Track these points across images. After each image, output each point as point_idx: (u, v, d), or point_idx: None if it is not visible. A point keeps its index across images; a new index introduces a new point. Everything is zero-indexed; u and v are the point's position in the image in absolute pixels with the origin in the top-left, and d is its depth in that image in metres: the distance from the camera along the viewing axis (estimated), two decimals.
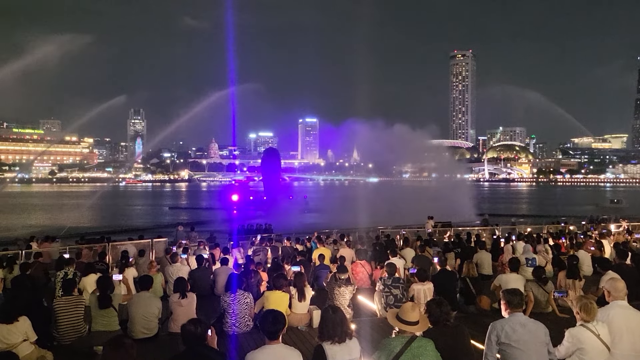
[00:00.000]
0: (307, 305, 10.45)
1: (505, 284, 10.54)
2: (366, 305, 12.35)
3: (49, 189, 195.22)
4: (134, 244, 20.16)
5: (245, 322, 9.68)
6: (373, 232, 28.25)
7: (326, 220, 49.96)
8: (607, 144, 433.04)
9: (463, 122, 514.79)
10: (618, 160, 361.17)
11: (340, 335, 5.48)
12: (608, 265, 11.64)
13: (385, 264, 11.85)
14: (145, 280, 10.11)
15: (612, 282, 7.02)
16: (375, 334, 9.20)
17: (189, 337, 5.22)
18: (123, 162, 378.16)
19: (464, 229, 28.66)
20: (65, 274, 12.20)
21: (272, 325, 5.28)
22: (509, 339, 5.91)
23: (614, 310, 6.57)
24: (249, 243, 22.21)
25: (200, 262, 14.86)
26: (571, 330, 6.19)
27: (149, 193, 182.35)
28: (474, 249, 17.23)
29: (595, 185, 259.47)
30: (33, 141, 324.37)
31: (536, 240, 19.19)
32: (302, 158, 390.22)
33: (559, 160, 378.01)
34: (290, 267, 13.15)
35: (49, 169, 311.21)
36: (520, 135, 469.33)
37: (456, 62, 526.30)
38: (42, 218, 69.46)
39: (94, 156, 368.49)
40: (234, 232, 28.56)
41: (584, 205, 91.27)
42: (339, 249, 18.42)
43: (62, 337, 8.86)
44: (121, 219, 69.08)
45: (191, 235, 26.65)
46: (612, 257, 15.99)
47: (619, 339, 6.34)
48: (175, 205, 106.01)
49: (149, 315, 9.34)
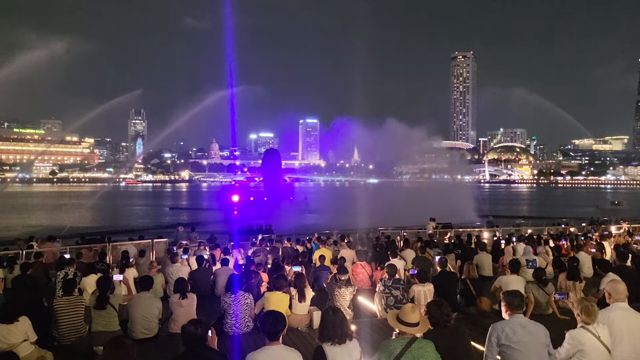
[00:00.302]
0: (307, 306, 10.46)
1: (506, 286, 10.54)
2: (366, 307, 12.34)
3: (50, 189, 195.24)
4: (134, 244, 20.14)
5: (246, 323, 9.68)
6: (373, 233, 28.24)
7: (326, 221, 49.98)
8: (607, 145, 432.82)
9: (464, 123, 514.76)
10: (619, 161, 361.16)
11: (341, 337, 5.48)
12: (608, 267, 11.64)
13: (386, 265, 11.85)
14: (145, 280, 10.12)
15: (612, 284, 7.03)
16: (375, 335, 9.19)
17: (189, 337, 5.22)
18: (124, 163, 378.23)
19: (465, 230, 28.65)
20: (65, 274, 12.19)
21: (272, 326, 5.28)
22: (509, 341, 5.91)
23: (614, 312, 6.58)
24: (249, 244, 22.21)
25: (201, 262, 14.86)
26: (572, 332, 6.19)
27: (150, 193, 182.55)
28: (475, 250, 17.23)
29: (596, 187, 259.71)
30: (34, 141, 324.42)
31: (537, 241, 19.17)
32: (303, 159, 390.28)
33: (559, 162, 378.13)
34: (291, 267, 13.15)
35: (49, 169, 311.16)
36: (521, 137, 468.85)
37: (457, 63, 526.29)
38: (43, 218, 69.45)
39: (94, 156, 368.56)
40: (235, 232, 28.53)
41: (584, 206, 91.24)
42: (340, 249, 18.42)
43: (62, 337, 8.86)
44: (121, 219, 69.12)
45: (191, 235, 26.65)
46: (612, 258, 15.99)
47: (620, 340, 6.34)
48: (176, 206, 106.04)
49: (149, 316, 9.34)
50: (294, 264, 13.55)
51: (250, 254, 18.59)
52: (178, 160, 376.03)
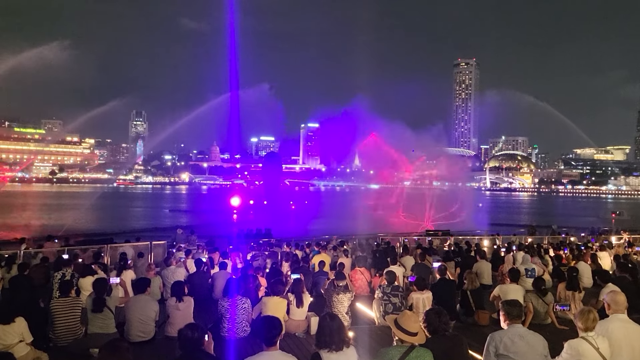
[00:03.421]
0: (305, 312, 10.42)
1: (505, 295, 10.50)
2: (365, 313, 12.30)
3: (49, 189, 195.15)
4: (132, 246, 20.08)
5: (243, 328, 9.62)
6: (373, 239, 28.20)
7: (326, 226, 49.87)
8: (609, 155, 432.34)
9: (465, 130, 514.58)
10: (620, 171, 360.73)
11: (338, 343, 5.45)
12: (608, 277, 11.60)
13: (385, 272, 11.80)
14: (142, 282, 10.07)
15: (612, 294, 6.99)
16: (373, 343, 9.15)
17: (186, 342, 5.20)
18: (124, 164, 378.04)
19: (464, 237, 28.62)
20: (63, 275, 12.15)
21: (268, 332, 5.26)
22: (508, 351, 5.89)
23: (613, 324, 6.53)
24: (248, 248, 22.16)
25: (199, 265, 14.82)
26: (570, 342, 6.15)
27: (149, 195, 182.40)
28: (474, 258, 17.19)
29: (597, 197, 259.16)
30: (34, 141, 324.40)
31: (537, 250, 19.13)
32: (304, 163, 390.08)
33: (560, 171, 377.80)
34: (290, 274, 13.10)
35: (49, 168, 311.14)
36: (523, 145, 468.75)
37: (460, 70, 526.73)
38: (41, 218, 69.36)
39: (94, 157, 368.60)
40: (233, 236, 28.49)
41: (585, 216, 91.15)
42: (339, 255, 18.38)
43: (58, 338, 8.83)
44: (120, 221, 68.96)
45: (190, 238, 26.62)
46: (612, 269, 15.95)
47: (618, 352, 6.30)
48: (176, 208, 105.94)
49: (146, 319, 9.30)
50: (292, 270, 13.50)
51: (249, 258, 18.55)
52: (178, 163, 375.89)
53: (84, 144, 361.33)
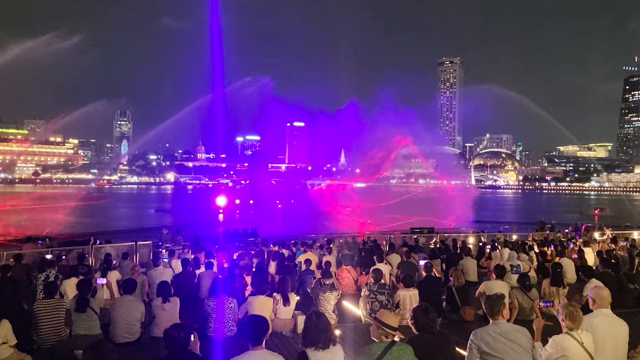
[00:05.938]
0: (291, 310, 10.40)
1: (490, 291, 10.55)
2: (351, 311, 12.31)
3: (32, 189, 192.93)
4: (117, 247, 19.88)
5: (229, 327, 9.57)
6: (359, 237, 28.19)
7: (312, 225, 49.84)
8: (592, 152, 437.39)
9: (450, 128, 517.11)
10: (603, 168, 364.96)
11: (324, 341, 5.46)
12: (591, 273, 11.72)
13: (371, 270, 11.84)
14: (128, 283, 9.98)
15: (597, 290, 7.06)
16: (359, 340, 9.16)
17: (172, 342, 5.17)
18: (108, 164, 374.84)
19: (450, 235, 28.75)
20: (46, 276, 12.01)
21: (255, 331, 5.26)
22: (490, 348, 5.93)
23: (597, 319, 6.61)
24: (234, 247, 22.05)
25: (185, 265, 14.71)
26: (555, 338, 6.19)
27: (134, 195, 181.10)
28: (460, 255, 17.28)
29: (580, 193, 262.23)
30: (17, 141, 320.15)
31: (521, 247, 19.28)
32: (289, 162, 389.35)
33: (544, 168, 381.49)
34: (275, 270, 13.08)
35: (32, 169, 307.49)
36: (507, 143, 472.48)
37: (444, 68, 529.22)
38: (23, 219, 68.49)
39: (78, 157, 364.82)
40: (219, 235, 28.34)
41: (568, 213, 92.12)
42: (325, 254, 18.37)
43: (42, 340, 8.71)
44: (105, 222, 68.40)
45: (176, 238, 26.44)
46: (595, 265, 16.13)
47: (602, 347, 6.37)
48: (161, 208, 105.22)
49: (131, 320, 9.22)
50: (278, 270, 13.47)
51: (235, 257, 18.46)
52: (163, 163, 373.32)
53: (68, 144, 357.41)
